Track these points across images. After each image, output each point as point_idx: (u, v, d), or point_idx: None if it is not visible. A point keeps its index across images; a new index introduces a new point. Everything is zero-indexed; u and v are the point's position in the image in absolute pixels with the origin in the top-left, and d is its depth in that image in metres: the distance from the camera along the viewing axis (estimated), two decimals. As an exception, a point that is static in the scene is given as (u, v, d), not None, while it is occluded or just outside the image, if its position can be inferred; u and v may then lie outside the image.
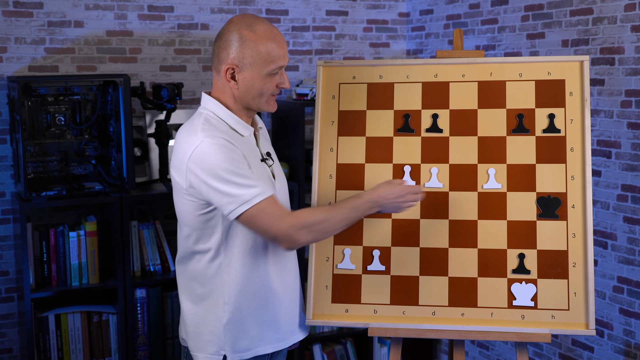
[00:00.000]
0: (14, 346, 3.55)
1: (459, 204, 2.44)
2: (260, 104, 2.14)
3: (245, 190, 2.01)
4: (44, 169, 3.28)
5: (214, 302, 2.15)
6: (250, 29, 2.07)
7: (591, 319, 2.33)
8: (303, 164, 3.66)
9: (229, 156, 2.02)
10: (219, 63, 2.11)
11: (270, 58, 2.08)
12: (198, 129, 2.05)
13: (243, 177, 2.02)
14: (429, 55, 4.05)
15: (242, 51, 2.06)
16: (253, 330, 2.17)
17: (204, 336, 2.17)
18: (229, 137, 2.07)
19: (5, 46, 3.42)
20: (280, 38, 2.11)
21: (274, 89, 2.13)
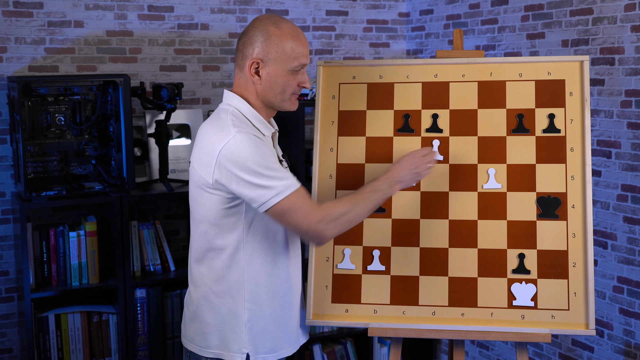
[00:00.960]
0: (14, 346, 3.55)
1: (459, 204, 2.44)
2: (283, 102, 2.15)
3: (278, 182, 2.03)
4: (44, 169, 3.28)
5: (234, 300, 2.14)
6: (276, 25, 2.10)
7: (591, 319, 2.33)
8: (303, 164, 3.66)
9: (261, 150, 2.04)
10: (243, 59, 2.13)
11: (294, 54, 2.10)
12: (229, 124, 2.06)
13: (275, 170, 2.04)
14: (429, 55, 4.05)
15: (268, 46, 2.09)
16: (276, 331, 2.18)
17: (226, 334, 2.15)
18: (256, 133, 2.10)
19: (5, 46, 3.42)
20: (304, 37, 2.15)
21: (296, 87, 2.15)
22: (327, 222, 2.07)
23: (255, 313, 2.14)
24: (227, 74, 3.83)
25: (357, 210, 2.13)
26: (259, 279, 2.14)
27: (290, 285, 2.21)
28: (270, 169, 2.04)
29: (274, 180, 2.03)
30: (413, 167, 2.24)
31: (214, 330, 2.16)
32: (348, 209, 2.11)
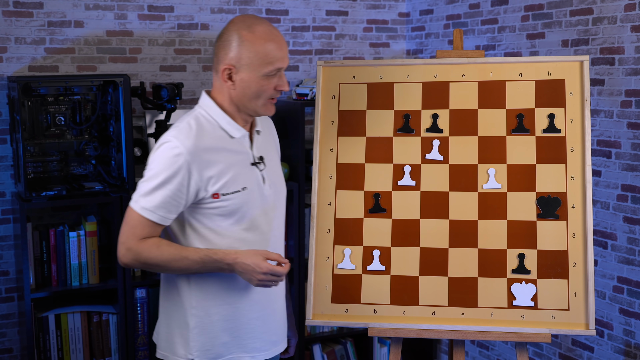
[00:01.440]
0: (14, 346, 3.55)
1: (459, 204, 2.44)
2: (257, 107, 2.11)
3: (146, 196, 2.03)
4: (44, 169, 3.28)
5: (182, 305, 2.14)
6: (249, 29, 2.05)
7: (591, 319, 2.33)
8: (303, 164, 3.66)
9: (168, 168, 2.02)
10: (217, 63, 2.10)
11: (267, 59, 2.05)
12: (178, 127, 2.07)
13: (154, 189, 2.02)
14: (429, 55, 4.05)
15: (240, 52, 2.05)
16: (225, 337, 2.14)
17: (174, 338, 2.15)
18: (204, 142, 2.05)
19: (5, 46, 3.42)
20: (280, 40, 2.08)
21: (272, 91, 2.10)
22: (132, 258, 2.06)
23: (202, 319, 2.12)
24: (227, 74, 3.83)
25: (168, 268, 2.07)
26: (204, 285, 2.11)
27: (243, 292, 2.14)
28: (152, 184, 2.02)
29: (146, 191, 2.03)
30: (258, 277, 2.04)
31: (164, 332, 2.18)
32: (157, 263, 2.05)
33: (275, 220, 2.20)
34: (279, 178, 2.26)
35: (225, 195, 2.07)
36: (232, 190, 2.08)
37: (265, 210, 2.15)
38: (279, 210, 2.22)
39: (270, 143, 2.28)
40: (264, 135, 2.24)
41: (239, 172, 2.10)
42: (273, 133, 2.33)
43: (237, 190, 2.08)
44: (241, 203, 2.09)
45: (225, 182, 2.07)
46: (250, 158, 2.15)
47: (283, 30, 3.92)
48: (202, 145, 2.05)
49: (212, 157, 2.06)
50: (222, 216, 2.09)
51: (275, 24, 3.89)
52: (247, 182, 2.11)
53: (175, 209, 2.05)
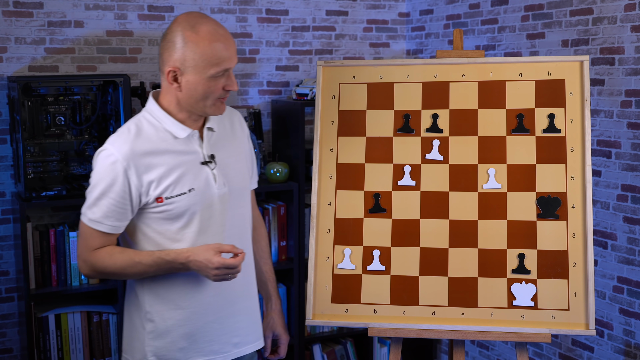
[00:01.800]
0: (14, 346, 3.55)
1: (459, 204, 2.44)
2: (205, 108, 2.05)
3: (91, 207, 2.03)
4: (44, 169, 3.28)
5: (139, 309, 2.12)
6: (193, 29, 1.98)
7: (591, 319, 2.33)
8: (303, 164, 3.66)
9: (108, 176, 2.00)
10: (162, 64, 2.03)
11: (213, 60, 1.98)
12: (117, 133, 2.05)
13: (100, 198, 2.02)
14: (429, 55, 4.05)
15: (184, 53, 1.97)
16: (182, 342, 2.11)
17: (133, 341, 2.14)
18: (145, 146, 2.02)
19: (5, 46, 3.42)
20: (226, 39, 2.00)
21: (221, 92, 2.04)
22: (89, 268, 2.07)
23: (158, 324, 2.10)
24: (227, 74, 3.83)
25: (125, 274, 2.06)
26: (158, 289, 2.09)
27: (197, 295, 2.10)
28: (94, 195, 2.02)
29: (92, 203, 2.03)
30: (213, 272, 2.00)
31: (126, 335, 2.17)
32: (113, 272, 2.05)
33: (230, 220, 2.14)
34: (238, 175, 2.19)
35: (170, 199, 2.03)
36: (176, 193, 2.03)
37: (216, 210, 2.10)
38: (235, 208, 2.16)
39: (229, 139, 2.20)
40: (220, 132, 2.17)
41: (185, 174, 2.05)
42: (239, 127, 2.26)
43: (183, 193, 2.04)
44: (188, 205, 2.05)
45: (168, 185, 2.03)
46: (200, 157, 2.09)
47: (283, 30, 3.92)
48: (140, 150, 2.01)
49: (152, 161, 2.02)
50: (169, 220, 2.05)
51: (275, 24, 3.89)
52: (194, 183, 2.06)
53: (123, 216, 2.03)
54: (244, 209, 2.21)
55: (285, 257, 3.74)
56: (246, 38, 3.85)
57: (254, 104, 3.91)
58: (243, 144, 2.26)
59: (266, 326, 2.34)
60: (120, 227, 2.05)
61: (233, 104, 3.86)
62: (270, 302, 2.36)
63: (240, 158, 2.22)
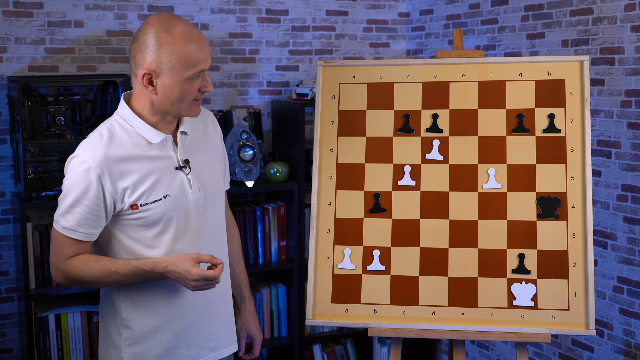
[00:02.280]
0: (14, 346, 3.55)
1: (459, 204, 2.44)
2: (181, 110, 2.01)
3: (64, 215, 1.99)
4: (44, 169, 3.28)
5: (115, 316, 2.10)
6: (167, 31, 1.94)
7: (591, 319, 2.33)
8: (303, 164, 3.66)
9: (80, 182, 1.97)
10: (135, 67, 1.98)
11: (189, 62, 1.95)
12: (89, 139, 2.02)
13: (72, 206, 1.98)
14: (429, 55, 4.05)
15: (159, 55, 1.94)
16: (158, 349, 2.09)
17: (109, 348, 2.12)
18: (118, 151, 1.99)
19: (5, 46, 3.42)
20: (201, 40, 1.97)
21: (196, 93, 2.00)
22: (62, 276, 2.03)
23: (134, 330, 2.08)
24: (227, 74, 3.83)
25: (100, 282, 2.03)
26: (134, 296, 2.07)
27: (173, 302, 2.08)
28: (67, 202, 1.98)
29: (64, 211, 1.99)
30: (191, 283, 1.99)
31: (102, 342, 2.15)
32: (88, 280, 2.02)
33: (206, 225, 2.12)
34: (213, 178, 2.16)
35: (145, 206, 2.00)
36: (151, 200, 2.00)
37: (192, 216, 2.08)
38: (211, 213, 2.14)
39: (202, 143, 2.17)
40: (194, 135, 2.14)
41: (159, 180, 2.02)
42: (212, 129, 2.23)
43: (158, 199, 2.01)
44: (163, 212, 2.02)
45: (143, 192, 2.00)
46: (175, 162, 2.06)
47: (283, 30, 3.92)
48: (114, 156, 1.98)
49: (126, 167, 1.98)
50: (144, 227, 2.03)
51: (275, 24, 3.89)
52: (169, 189, 2.03)
53: (97, 223, 2.00)
54: (219, 212, 2.18)
55: (285, 257, 3.74)
56: (246, 38, 3.85)
57: (254, 104, 3.91)
58: (216, 146, 2.23)
59: (240, 327, 2.33)
60: (94, 235, 2.02)
61: (233, 104, 3.86)
62: (244, 303, 2.35)
63: (214, 161, 2.19)
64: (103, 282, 2.02)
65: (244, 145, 3.57)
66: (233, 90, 3.85)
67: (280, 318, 3.76)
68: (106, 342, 2.14)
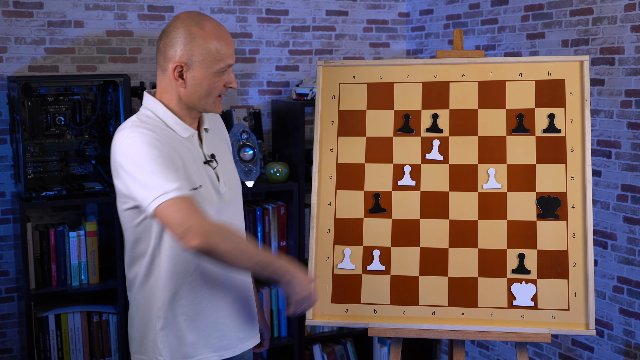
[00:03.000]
0: (14, 346, 3.55)
1: (459, 204, 2.44)
2: (207, 104, 2.06)
3: (165, 183, 1.92)
4: (44, 169, 3.28)
5: (150, 307, 2.10)
6: (198, 25, 2.01)
7: (591, 319, 2.33)
8: (303, 164, 3.66)
9: (153, 151, 1.94)
10: (165, 61, 2.03)
11: (219, 56, 2.01)
12: (127, 126, 2.01)
13: (164, 171, 1.93)
14: (429, 55, 4.05)
15: (191, 48, 2.00)
16: (192, 337, 2.10)
17: (146, 340, 2.12)
18: (161, 135, 2.00)
19: (5, 46, 3.42)
20: (228, 36, 2.05)
21: (222, 88, 2.06)
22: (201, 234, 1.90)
23: (169, 320, 2.08)
24: (227, 74, 3.83)
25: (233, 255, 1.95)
26: (170, 287, 2.07)
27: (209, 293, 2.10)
28: (159, 169, 1.93)
29: (162, 181, 1.92)
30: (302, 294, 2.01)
31: (137, 335, 2.15)
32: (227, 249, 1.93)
33: (230, 219, 2.14)
34: (233, 174, 2.20)
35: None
36: (190, 187, 2.00)
37: (220, 208, 2.10)
38: (234, 207, 2.17)
39: (220, 140, 2.22)
40: (212, 133, 2.19)
41: (193, 170, 2.04)
42: (222, 129, 2.27)
43: (195, 188, 2.01)
44: (198, 201, 2.00)
45: (185, 179, 2.00)
46: (202, 157, 2.10)
47: (283, 30, 3.92)
48: (159, 137, 1.99)
49: (169, 151, 1.99)
50: None
51: (275, 24, 3.89)
52: (202, 180, 2.05)
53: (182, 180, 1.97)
54: (240, 207, 2.22)
55: (285, 257, 3.74)
56: (246, 38, 3.85)
57: (254, 104, 3.91)
58: (228, 146, 2.27)
59: None
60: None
61: (233, 104, 3.86)
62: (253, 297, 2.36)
63: (230, 159, 2.23)
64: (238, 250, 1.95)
65: (244, 145, 3.58)
66: (233, 90, 3.85)
67: (280, 318, 3.76)
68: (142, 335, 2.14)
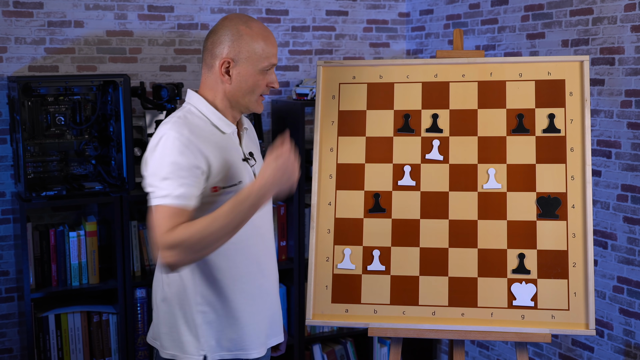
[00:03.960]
0: (14, 346, 3.55)
1: (459, 204, 2.44)
2: (250, 102, 2.14)
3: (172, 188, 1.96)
4: (44, 169, 3.28)
5: (187, 302, 2.12)
6: (246, 25, 2.10)
7: (591, 319, 2.33)
8: (303, 164, 3.66)
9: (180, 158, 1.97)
10: (212, 58, 2.11)
11: (264, 54, 2.10)
12: (170, 121, 2.05)
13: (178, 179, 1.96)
14: (429, 55, 4.05)
15: (239, 46, 2.08)
16: (231, 333, 2.13)
17: (182, 336, 2.13)
18: (200, 133, 2.04)
19: (5, 46, 3.42)
20: (273, 38, 2.15)
21: (264, 87, 2.14)
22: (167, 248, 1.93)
23: (208, 315, 2.11)
24: (227, 74, 3.83)
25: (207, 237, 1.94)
26: (208, 283, 2.10)
27: (247, 291, 2.14)
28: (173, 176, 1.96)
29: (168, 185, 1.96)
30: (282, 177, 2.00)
31: (168, 332, 2.16)
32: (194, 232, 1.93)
33: (264, 217, 2.19)
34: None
35: (225, 189, 2.06)
36: (230, 184, 2.07)
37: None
38: (267, 206, 2.22)
39: (254, 141, 2.31)
40: (248, 133, 2.27)
41: (233, 167, 2.10)
42: (254, 132, 2.36)
43: (235, 184, 2.08)
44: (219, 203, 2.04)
45: (224, 176, 2.06)
46: (241, 154, 2.15)
47: (283, 30, 3.92)
48: (198, 135, 2.04)
49: (208, 149, 2.04)
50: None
51: (275, 24, 3.89)
52: (241, 177, 2.11)
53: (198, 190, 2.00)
54: (271, 204, 2.28)
55: (285, 257, 3.74)
56: (246, 38, 3.85)
57: (254, 104, 3.91)
58: (258, 148, 2.34)
59: None
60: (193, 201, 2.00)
61: (233, 104, 3.86)
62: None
63: (261, 160, 2.28)
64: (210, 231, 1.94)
65: (244, 145, 3.58)
66: (233, 90, 3.85)
67: (280, 318, 3.76)
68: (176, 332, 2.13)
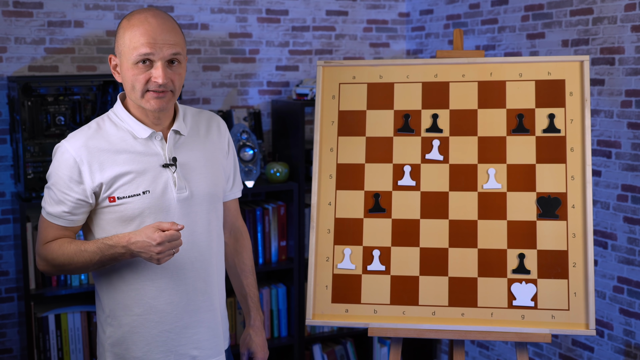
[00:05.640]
0: (14, 346, 3.55)
1: (459, 204, 2.44)
2: (137, 100, 1.98)
3: (49, 201, 2.03)
4: (44, 169, 3.28)
5: (102, 312, 2.10)
6: (127, 18, 1.98)
7: (591, 319, 2.33)
8: (303, 164, 3.66)
9: (59, 166, 2.00)
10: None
11: (132, 44, 1.93)
12: (76, 130, 2.05)
13: (57, 192, 2.01)
14: (429, 55, 4.05)
15: (117, 40, 1.99)
16: (136, 351, 2.05)
17: (99, 346, 2.12)
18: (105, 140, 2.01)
19: (5, 46, 3.42)
20: (154, 26, 1.93)
21: (146, 83, 1.95)
22: (42, 259, 2.06)
23: (115, 329, 2.06)
24: (227, 73, 3.83)
25: (73, 266, 2.02)
26: (115, 293, 2.05)
27: (153, 302, 2.04)
28: (51, 186, 2.02)
29: (45, 197, 2.05)
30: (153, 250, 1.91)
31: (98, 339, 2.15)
32: (62, 262, 2.02)
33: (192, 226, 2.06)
34: (205, 180, 2.09)
35: (122, 199, 1.98)
36: (129, 194, 1.98)
37: (174, 215, 2.03)
38: (199, 215, 2.07)
39: (199, 144, 2.12)
40: (191, 136, 2.11)
41: (141, 175, 1.99)
42: (214, 132, 2.17)
43: (137, 194, 1.98)
44: (141, 208, 1.98)
45: (122, 185, 1.98)
46: (162, 159, 2.02)
47: (283, 30, 3.92)
48: (94, 147, 1.98)
49: (106, 159, 1.98)
50: (122, 222, 2.00)
51: (275, 24, 3.89)
52: (151, 185, 1.99)
53: (78, 210, 2.01)
54: (210, 215, 2.10)
55: (285, 257, 3.74)
56: (246, 38, 3.85)
57: (254, 104, 3.91)
58: (219, 150, 2.17)
59: (242, 342, 2.29)
60: (76, 221, 2.03)
61: (233, 104, 3.86)
62: (249, 318, 2.29)
63: (212, 164, 2.13)
64: (74, 262, 2.00)
65: (244, 145, 3.58)
66: (233, 91, 3.85)
67: (280, 318, 3.76)
68: (98, 340, 2.15)
